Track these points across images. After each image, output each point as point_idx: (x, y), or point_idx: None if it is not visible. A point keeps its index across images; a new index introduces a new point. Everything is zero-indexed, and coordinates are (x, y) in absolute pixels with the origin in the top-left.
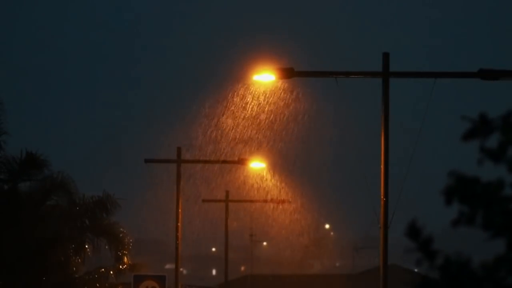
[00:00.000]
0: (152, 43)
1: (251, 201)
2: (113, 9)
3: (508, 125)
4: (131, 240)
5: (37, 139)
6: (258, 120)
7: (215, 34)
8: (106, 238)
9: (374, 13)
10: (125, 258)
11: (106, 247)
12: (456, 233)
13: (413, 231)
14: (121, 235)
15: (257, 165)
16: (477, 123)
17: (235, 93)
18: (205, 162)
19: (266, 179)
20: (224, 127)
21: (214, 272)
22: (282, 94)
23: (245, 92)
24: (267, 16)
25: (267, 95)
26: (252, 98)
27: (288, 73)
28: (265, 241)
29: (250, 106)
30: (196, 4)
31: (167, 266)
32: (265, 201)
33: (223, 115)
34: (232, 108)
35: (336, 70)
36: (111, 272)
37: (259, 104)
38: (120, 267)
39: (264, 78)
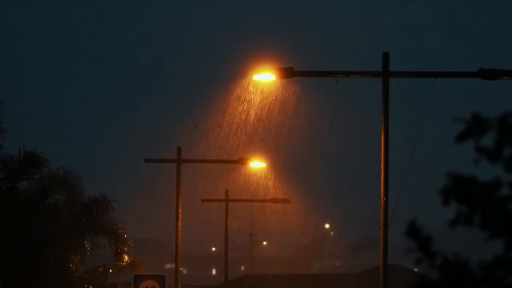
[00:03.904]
0: (153, 43)
1: (251, 200)
2: (116, 12)
3: (506, 126)
4: (126, 236)
5: (37, 138)
6: (258, 120)
7: (215, 34)
8: (105, 235)
9: (374, 13)
10: (125, 255)
11: (106, 244)
12: (456, 233)
13: (413, 231)
14: (120, 231)
15: (257, 165)
16: (470, 124)
17: (236, 93)
18: (205, 162)
19: (266, 179)
20: (224, 127)
21: (214, 272)
22: (282, 94)
23: (245, 92)
24: (267, 16)
25: (267, 95)
26: (252, 98)
27: (288, 73)
28: (265, 241)
29: (250, 106)
30: (196, 5)
31: (167, 266)
32: (265, 200)
33: (223, 115)
34: (232, 107)
35: (336, 70)
36: (110, 271)
37: (259, 103)
38: (120, 263)
39: (264, 77)
